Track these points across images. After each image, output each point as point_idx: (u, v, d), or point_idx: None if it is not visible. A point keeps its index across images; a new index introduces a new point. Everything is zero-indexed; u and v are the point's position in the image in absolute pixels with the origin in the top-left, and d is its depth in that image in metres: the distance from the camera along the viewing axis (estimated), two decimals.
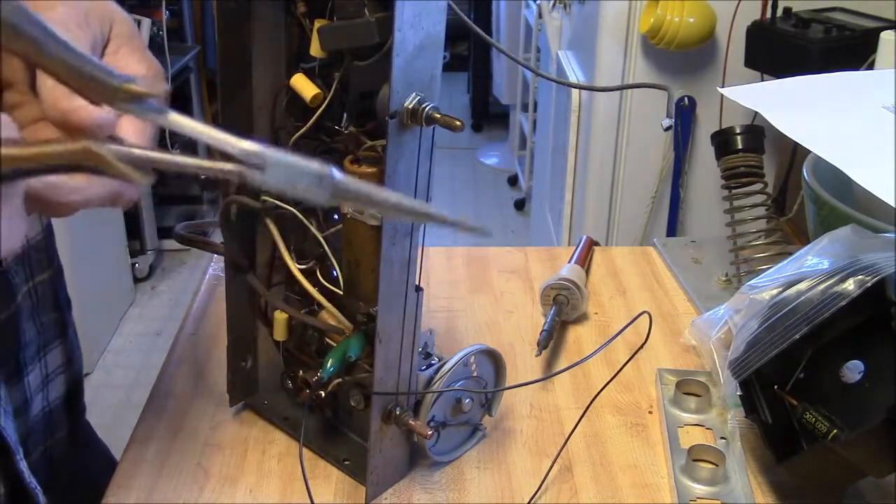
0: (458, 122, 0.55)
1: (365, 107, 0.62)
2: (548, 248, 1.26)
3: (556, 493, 0.68)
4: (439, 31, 0.55)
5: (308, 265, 0.69)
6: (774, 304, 0.66)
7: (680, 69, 1.64)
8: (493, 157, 4.21)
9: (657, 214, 1.76)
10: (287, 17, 0.65)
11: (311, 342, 0.71)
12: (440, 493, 0.68)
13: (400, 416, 0.64)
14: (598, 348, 0.83)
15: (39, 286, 0.73)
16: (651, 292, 0.97)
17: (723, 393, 0.75)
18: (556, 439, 0.73)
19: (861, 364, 0.60)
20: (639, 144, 1.72)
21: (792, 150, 1.49)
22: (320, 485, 0.68)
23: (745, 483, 0.67)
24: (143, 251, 2.98)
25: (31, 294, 0.72)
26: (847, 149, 0.77)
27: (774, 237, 0.94)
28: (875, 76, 1.05)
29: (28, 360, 0.72)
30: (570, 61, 2.00)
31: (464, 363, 0.67)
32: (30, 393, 0.72)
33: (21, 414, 0.71)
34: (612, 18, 1.64)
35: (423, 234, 0.61)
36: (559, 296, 0.89)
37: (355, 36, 0.58)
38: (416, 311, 0.63)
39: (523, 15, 3.42)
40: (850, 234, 0.70)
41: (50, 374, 0.75)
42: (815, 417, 0.62)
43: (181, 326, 0.89)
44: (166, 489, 0.68)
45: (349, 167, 0.62)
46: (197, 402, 0.77)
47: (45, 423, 0.75)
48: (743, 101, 0.87)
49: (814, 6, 1.48)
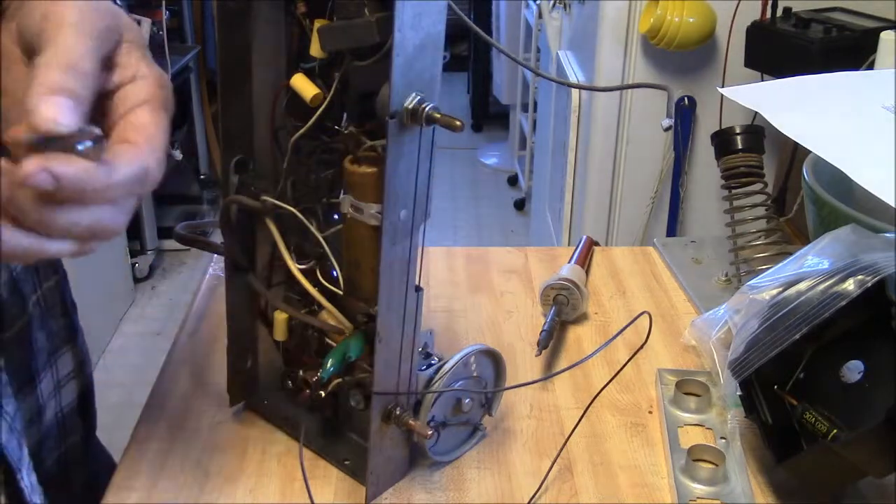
0: (458, 122, 0.55)
1: (365, 107, 0.62)
2: (548, 248, 1.26)
3: (556, 493, 0.68)
4: (439, 31, 0.55)
5: (308, 265, 0.69)
6: (774, 304, 0.66)
7: (680, 69, 1.64)
8: (493, 157, 4.21)
9: (657, 214, 1.76)
10: (287, 17, 0.65)
11: (311, 342, 0.71)
12: (440, 493, 0.68)
13: (400, 416, 0.64)
14: (598, 348, 0.83)
15: (48, 293, 0.73)
16: (651, 292, 0.97)
17: (723, 393, 0.75)
18: (556, 439, 0.73)
19: (861, 364, 0.60)
20: (639, 144, 1.72)
21: (792, 150, 1.49)
22: (320, 485, 0.68)
23: (745, 483, 0.67)
24: (143, 251, 2.98)
25: (41, 301, 0.72)
26: (847, 149, 0.77)
27: (774, 237, 0.94)
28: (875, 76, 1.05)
29: (40, 367, 0.72)
30: (570, 61, 2.00)
31: (464, 363, 0.67)
32: (43, 400, 0.72)
33: (35, 422, 0.71)
34: (612, 18, 1.64)
35: (424, 234, 0.61)
36: (559, 296, 0.89)
37: (355, 36, 0.58)
38: (416, 311, 0.63)
39: (523, 15, 3.42)
40: (850, 234, 0.70)
41: (62, 380, 0.75)
42: (815, 417, 0.62)
43: (181, 326, 0.89)
44: (166, 489, 0.68)
45: (349, 167, 0.62)
46: (197, 402, 0.77)
47: (59, 430, 0.75)
48: (743, 101, 0.87)
49: (814, 6, 1.48)
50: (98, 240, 0.46)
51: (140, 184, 0.45)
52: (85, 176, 0.42)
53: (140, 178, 0.45)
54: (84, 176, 0.42)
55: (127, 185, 0.45)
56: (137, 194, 0.46)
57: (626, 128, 1.71)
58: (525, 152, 3.56)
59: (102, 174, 0.43)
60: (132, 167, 0.45)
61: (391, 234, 0.58)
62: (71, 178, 0.42)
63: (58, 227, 0.43)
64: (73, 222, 0.44)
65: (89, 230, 0.45)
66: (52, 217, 0.43)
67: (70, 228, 0.44)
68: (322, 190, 0.67)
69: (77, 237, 0.45)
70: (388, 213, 0.57)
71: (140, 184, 0.45)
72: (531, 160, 3.32)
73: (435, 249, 1.05)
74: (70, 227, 0.44)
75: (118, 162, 0.44)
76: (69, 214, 0.43)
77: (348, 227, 0.64)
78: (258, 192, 0.67)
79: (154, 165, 0.46)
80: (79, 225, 0.44)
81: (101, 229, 0.45)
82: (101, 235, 0.46)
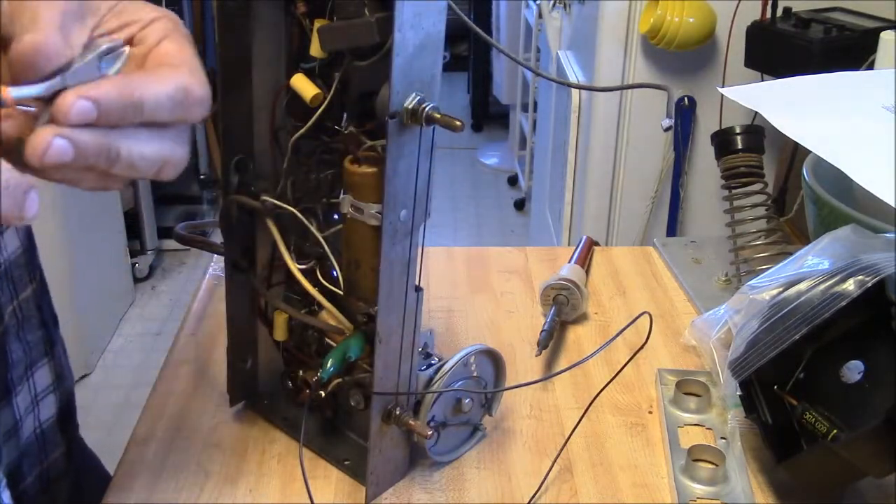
0: (458, 122, 0.55)
1: (365, 107, 0.62)
2: (548, 248, 1.26)
3: (556, 493, 0.68)
4: (439, 31, 0.55)
5: (308, 265, 0.69)
6: (774, 304, 0.66)
7: (680, 69, 1.64)
8: (493, 157, 4.21)
9: (657, 214, 1.76)
10: (287, 17, 0.65)
11: (311, 342, 0.71)
12: (440, 493, 0.68)
13: (400, 416, 0.64)
14: (598, 349, 0.83)
15: (23, 304, 0.71)
16: (651, 292, 0.97)
17: (723, 393, 0.75)
18: (556, 439, 0.73)
19: (861, 364, 0.60)
20: (639, 144, 1.72)
21: (792, 150, 1.49)
22: (320, 485, 0.68)
23: (745, 483, 0.67)
24: (143, 251, 2.97)
25: (17, 312, 0.70)
26: (847, 149, 0.77)
27: (774, 237, 0.94)
28: (875, 76, 1.05)
29: (16, 380, 0.70)
30: (570, 61, 2.00)
31: (464, 363, 0.67)
32: (19, 414, 0.71)
33: (12, 437, 0.70)
34: (612, 18, 1.64)
35: (424, 234, 0.61)
36: (559, 296, 0.89)
37: (355, 36, 0.58)
38: (416, 311, 0.63)
39: (523, 15, 3.42)
40: (851, 234, 0.70)
41: (39, 394, 0.73)
42: (815, 417, 0.62)
43: (181, 326, 0.89)
44: (166, 489, 0.68)
45: (349, 167, 0.62)
46: (197, 402, 0.77)
47: (39, 445, 0.74)
48: (743, 101, 0.87)
49: (814, 6, 1.48)
50: (165, 173, 0.46)
51: (182, 104, 0.44)
52: (124, 89, 0.41)
53: (181, 97, 0.44)
54: (123, 89, 0.41)
55: (169, 103, 0.43)
56: (185, 117, 0.45)
57: (626, 128, 1.71)
58: (525, 152, 3.56)
59: (140, 85, 0.42)
60: (168, 83, 0.43)
61: (391, 234, 0.58)
62: (111, 97, 0.41)
63: (121, 161, 0.43)
64: (136, 153, 0.43)
65: (151, 160, 0.44)
66: (110, 149, 0.42)
67: (133, 162, 0.43)
68: (322, 190, 0.67)
69: (142, 169, 0.44)
70: (388, 213, 0.57)
71: (182, 104, 0.44)
72: (531, 160, 3.32)
73: (435, 249, 1.05)
74: (133, 160, 0.43)
75: (153, 77, 0.43)
76: (127, 142, 0.42)
77: (348, 227, 0.64)
78: (258, 192, 0.67)
79: (195, 84, 0.45)
80: (142, 155, 0.43)
81: (163, 159, 0.45)
82: (166, 166, 0.45)
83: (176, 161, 0.46)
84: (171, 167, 0.46)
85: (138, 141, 0.43)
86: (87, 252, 2.40)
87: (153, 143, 0.44)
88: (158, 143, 0.44)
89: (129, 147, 0.43)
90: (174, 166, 0.46)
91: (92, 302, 2.46)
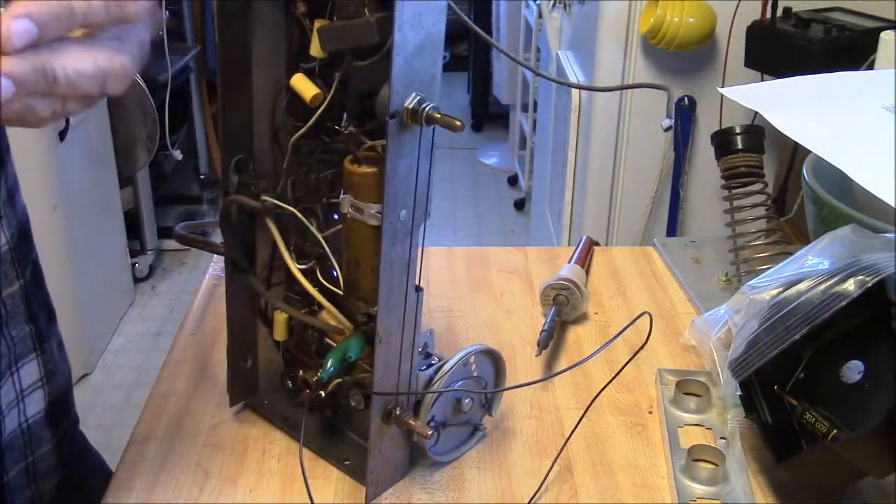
0: (458, 122, 0.55)
1: (365, 107, 0.62)
2: (548, 248, 1.26)
3: (556, 493, 0.68)
4: (439, 31, 0.55)
5: (308, 265, 0.69)
6: (774, 304, 0.66)
7: (680, 69, 1.64)
8: (493, 157, 4.21)
9: (657, 214, 1.76)
10: (287, 17, 0.65)
11: (311, 342, 0.71)
12: (440, 493, 0.68)
13: (400, 416, 0.64)
14: (598, 349, 0.83)
15: (8, 299, 0.70)
16: (651, 292, 0.97)
17: (723, 393, 0.75)
18: (556, 439, 0.73)
19: (861, 364, 0.60)
20: (639, 144, 1.72)
21: (792, 150, 1.49)
22: (320, 485, 0.68)
23: (745, 483, 0.67)
24: (143, 251, 2.97)
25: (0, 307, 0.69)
26: (847, 149, 0.77)
27: (774, 237, 0.94)
28: (875, 76, 1.04)
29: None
30: (570, 61, 2.00)
31: (464, 363, 0.67)
32: (1, 409, 0.70)
33: None
34: (612, 18, 1.64)
35: (424, 234, 0.61)
36: (559, 296, 0.89)
37: (355, 36, 0.58)
38: (416, 311, 0.63)
39: (523, 15, 3.42)
40: (851, 234, 0.70)
41: (25, 390, 0.73)
42: (815, 417, 0.62)
43: (181, 326, 0.89)
44: (166, 489, 0.68)
45: (349, 167, 0.62)
46: (197, 402, 0.77)
47: (24, 440, 0.73)
48: (743, 101, 0.87)
49: (814, 6, 1.48)
50: (110, 86, 0.45)
51: (120, 6, 0.44)
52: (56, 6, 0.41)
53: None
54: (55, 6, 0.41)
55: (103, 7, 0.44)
56: (121, 16, 0.45)
57: (626, 128, 1.71)
58: (525, 152, 3.56)
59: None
60: None
61: (391, 234, 0.58)
62: (42, 9, 0.41)
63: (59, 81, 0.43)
64: (71, 69, 0.43)
65: (90, 73, 0.44)
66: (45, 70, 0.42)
67: (71, 78, 0.43)
68: (322, 190, 0.67)
69: (84, 86, 0.44)
70: (388, 213, 0.57)
71: (120, 6, 0.44)
72: (531, 160, 3.32)
73: (435, 249, 1.05)
74: (70, 77, 0.43)
75: None
76: (60, 59, 0.42)
77: (348, 227, 0.64)
78: (258, 192, 0.67)
79: None
80: (77, 71, 0.43)
81: (103, 70, 0.45)
82: (108, 78, 0.45)
83: (116, 71, 0.46)
84: (114, 79, 0.46)
85: (70, 56, 0.44)
86: (87, 252, 2.40)
87: (87, 55, 0.44)
88: (93, 55, 0.44)
89: (63, 64, 0.43)
90: (116, 77, 0.46)
91: (92, 302, 2.46)
